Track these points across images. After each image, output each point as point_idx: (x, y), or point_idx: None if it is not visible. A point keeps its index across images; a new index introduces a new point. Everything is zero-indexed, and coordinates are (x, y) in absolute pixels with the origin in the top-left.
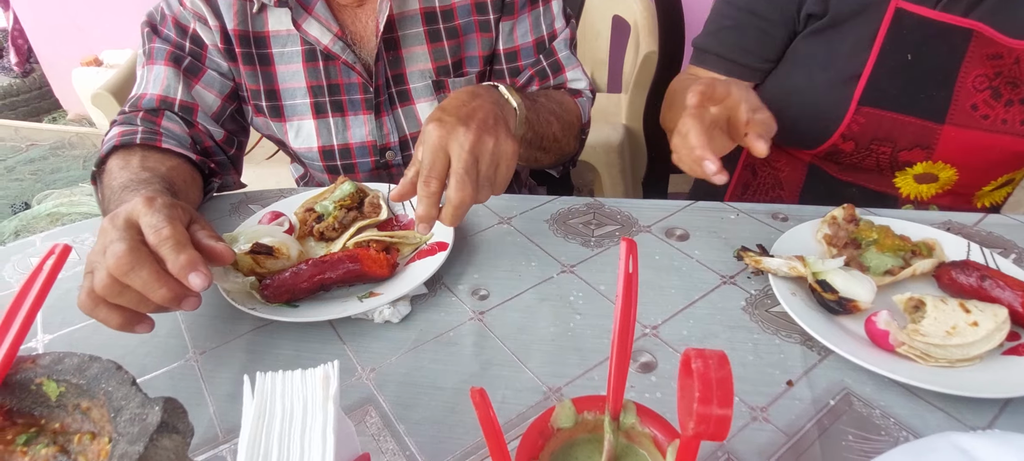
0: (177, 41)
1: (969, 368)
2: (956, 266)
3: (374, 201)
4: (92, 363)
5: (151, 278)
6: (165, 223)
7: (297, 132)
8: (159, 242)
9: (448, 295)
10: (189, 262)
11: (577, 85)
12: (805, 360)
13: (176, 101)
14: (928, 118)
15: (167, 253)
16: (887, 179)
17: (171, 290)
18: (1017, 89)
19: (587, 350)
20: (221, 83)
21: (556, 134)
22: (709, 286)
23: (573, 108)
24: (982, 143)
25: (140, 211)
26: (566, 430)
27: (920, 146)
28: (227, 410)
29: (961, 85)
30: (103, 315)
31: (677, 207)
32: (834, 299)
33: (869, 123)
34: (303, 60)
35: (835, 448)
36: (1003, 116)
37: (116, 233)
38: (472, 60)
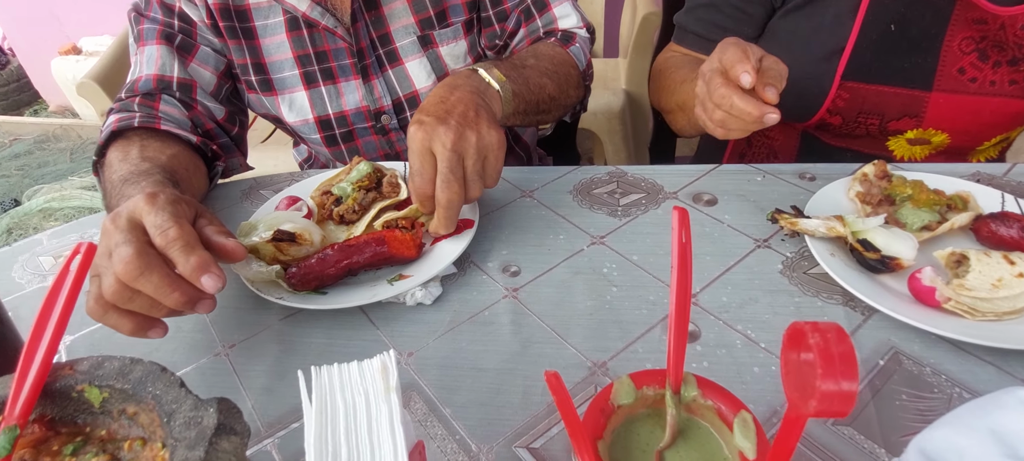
0: (165, 20)
1: (1016, 320)
2: (995, 218)
3: (392, 180)
4: (135, 366)
5: (162, 283)
6: (171, 223)
7: (290, 105)
8: (167, 244)
9: (479, 273)
10: (200, 264)
11: (566, 22)
12: (850, 321)
13: (173, 79)
14: (914, 87)
15: (176, 255)
16: (880, 144)
17: (184, 294)
18: (1004, 51)
19: (627, 322)
20: (216, 59)
21: (552, 94)
22: (743, 251)
23: (566, 59)
24: (971, 106)
25: (143, 210)
26: (626, 407)
27: (908, 115)
28: (266, 404)
29: (947, 49)
30: (114, 321)
31: (701, 171)
32: (877, 258)
33: (854, 97)
34: (286, 30)
35: (890, 408)
36: (991, 77)
37: (121, 235)
38: (455, 9)
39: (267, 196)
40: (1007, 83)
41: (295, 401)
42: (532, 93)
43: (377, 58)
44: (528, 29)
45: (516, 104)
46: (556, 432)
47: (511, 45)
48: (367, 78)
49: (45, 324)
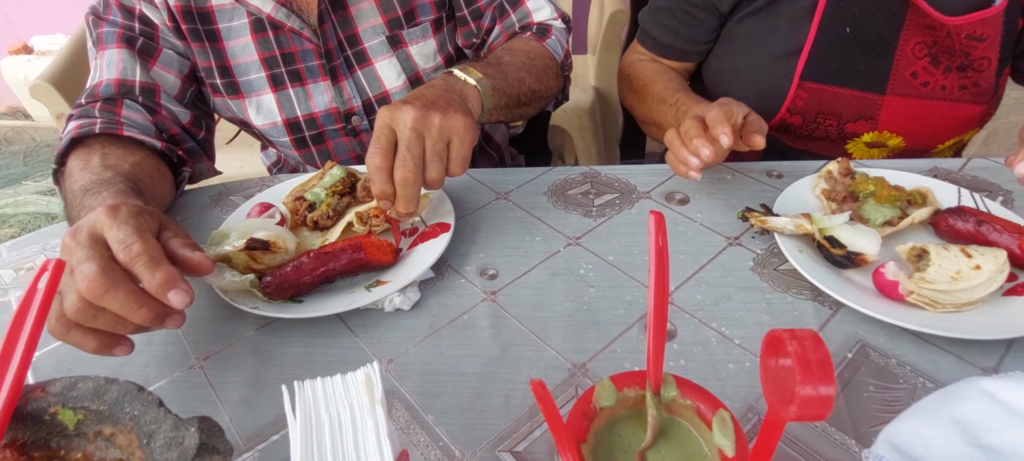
0: (125, 23)
1: (974, 311)
2: (953, 213)
3: (366, 185)
4: (110, 386)
5: (129, 300)
6: (135, 237)
7: (258, 108)
8: (131, 259)
9: (456, 277)
10: (166, 279)
11: (540, 15)
12: (818, 316)
13: (135, 83)
14: (869, 89)
15: (141, 271)
16: (839, 147)
17: (152, 310)
18: (953, 57)
19: (605, 323)
20: (179, 62)
21: (532, 87)
22: (716, 249)
23: (542, 52)
24: (924, 110)
25: (105, 224)
26: (608, 408)
27: (864, 117)
28: (244, 417)
29: (901, 53)
30: (77, 340)
31: (672, 170)
32: (843, 253)
33: (812, 97)
34: (251, 32)
35: (859, 400)
36: (942, 82)
37: (83, 252)
38: (424, 8)
39: (238, 203)
40: (957, 88)
41: (274, 413)
42: (511, 87)
43: (346, 59)
44: (503, 25)
45: (497, 99)
46: (539, 435)
47: (488, 42)
48: (336, 79)
49: (13, 346)
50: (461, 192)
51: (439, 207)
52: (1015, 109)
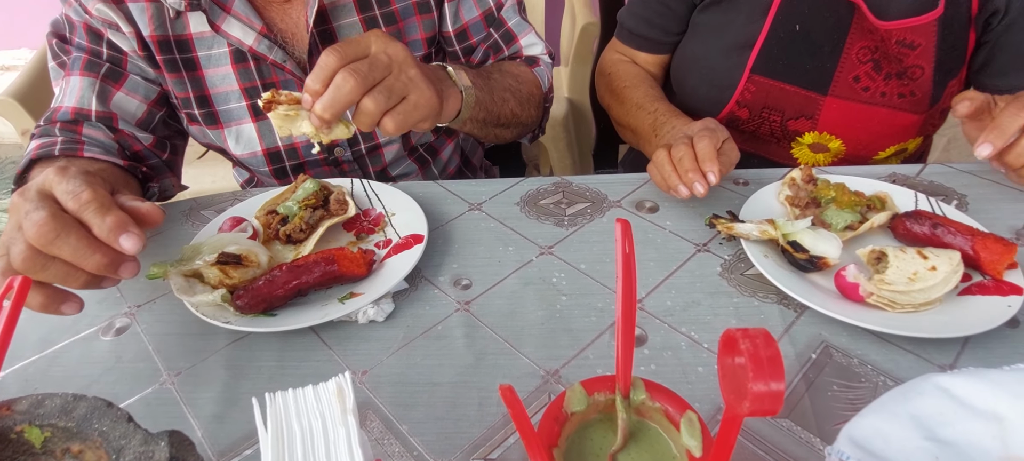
0: (91, 48)
1: (931, 311)
2: (909, 217)
3: (340, 197)
4: (78, 403)
5: (81, 244)
6: (83, 187)
7: (237, 138)
8: (80, 207)
9: (430, 288)
10: (117, 223)
11: (532, 52)
12: (784, 318)
13: (91, 113)
14: (812, 89)
15: (91, 217)
16: (784, 149)
17: (105, 255)
18: (892, 64)
19: (578, 330)
20: (146, 88)
21: (514, 110)
22: (685, 255)
23: (530, 79)
24: (862, 114)
25: (52, 181)
26: (579, 413)
27: (804, 115)
28: (216, 432)
29: (846, 56)
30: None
31: (643, 179)
32: (805, 258)
33: (760, 91)
34: (232, 62)
35: (823, 399)
36: (883, 89)
37: (31, 204)
38: (414, 44)
39: (209, 217)
40: (896, 95)
41: (247, 427)
42: (495, 104)
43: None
44: (494, 61)
45: (476, 111)
46: (513, 442)
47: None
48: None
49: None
50: (434, 203)
51: (412, 219)
52: None
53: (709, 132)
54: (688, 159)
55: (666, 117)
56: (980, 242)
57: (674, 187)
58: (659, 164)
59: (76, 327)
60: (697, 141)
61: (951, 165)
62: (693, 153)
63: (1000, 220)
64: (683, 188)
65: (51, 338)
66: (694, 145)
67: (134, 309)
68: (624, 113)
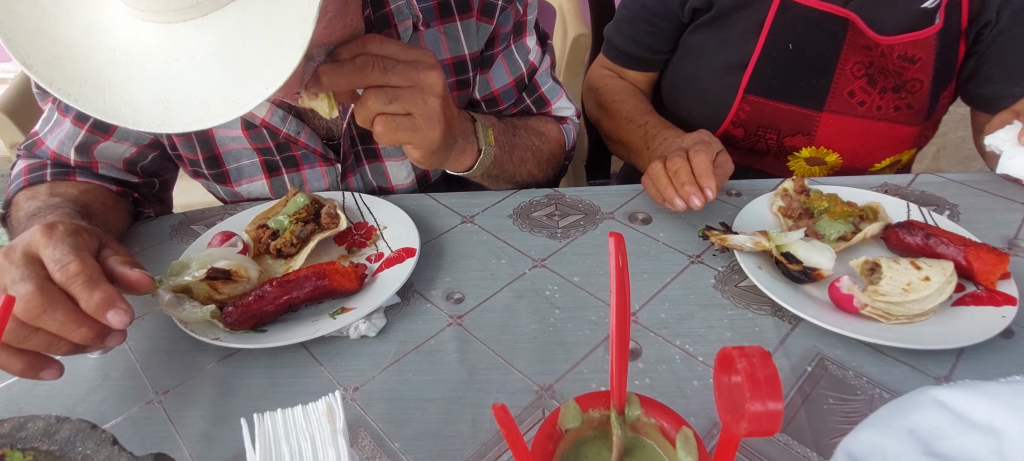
0: None
1: (925, 322)
2: (902, 227)
3: (331, 211)
4: (61, 425)
5: (68, 319)
6: (71, 256)
7: (248, 192)
8: (68, 279)
9: (422, 302)
10: (105, 300)
11: (563, 114)
12: (778, 330)
13: (70, 161)
14: (807, 105)
15: (79, 291)
16: (780, 163)
17: (91, 329)
18: (889, 78)
19: (571, 344)
20: (137, 134)
21: (531, 171)
22: (678, 267)
23: (556, 137)
24: (859, 128)
25: (40, 243)
26: (574, 430)
27: (802, 132)
28: (204, 452)
29: (840, 72)
30: (3, 361)
31: (635, 191)
32: (799, 269)
33: (755, 111)
34: (243, 127)
35: (818, 412)
36: (878, 102)
37: (17, 271)
38: None
39: (198, 232)
40: (892, 109)
41: (236, 446)
42: (513, 165)
43: (356, 154)
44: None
45: (491, 168)
46: (507, 459)
47: None
48: (345, 175)
49: None
50: (426, 216)
51: (404, 232)
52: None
53: (705, 145)
54: (684, 172)
55: (657, 129)
56: (973, 252)
57: (670, 200)
58: (654, 177)
59: None
60: (693, 155)
61: (942, 175)
62: (689, 166)
63: (992, 230)
64: (679, 201)
65: None
66: (690, 159)
67: None
68: (614, 128)
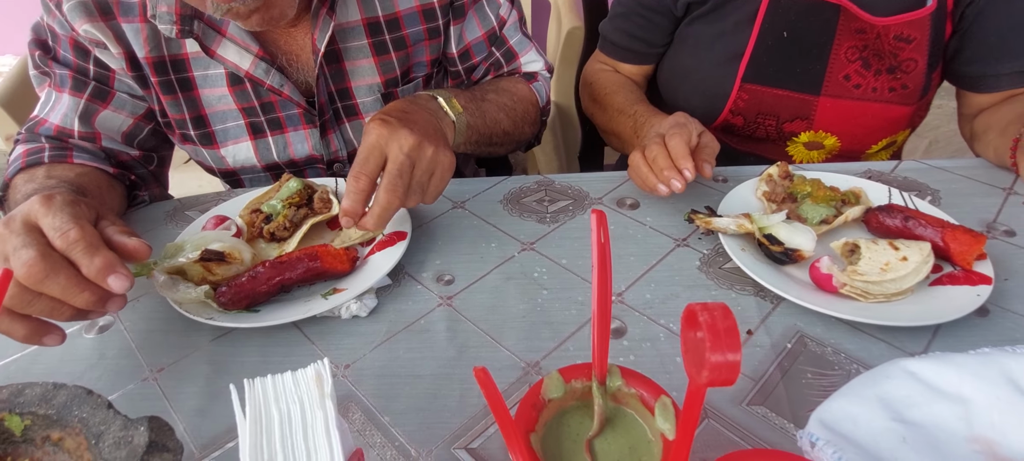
0: (78, 65)
1: (903, 301)
2: (882, 210)
3: (323, 196)
4: (58, 391)
5: (70, 284)
6: (71, 224)
7: (234, 156)
8: (68, 246)
9: (413, 284)
10: (105, 265)
11: (532, 67)
12: (760, 310)
13: (74, 132)
14: (805, 91)
15: (80, 257)
16: (780, 148)
17: (93, 293)
18: (883, 60)
19: (558, 323)
20: (133, 104)
21: (506, 129)
22: (664, 250)
23: (527, 96)
24: (856, 111)
25: (39, 212)
26: (557, 400)
27: (800, 117)
28: (198, 425)
29: (835, 57)
30: (5, 327)
31: (624, 177)
32: (781, 250)
33: (753, 98)
34: (228, 84)
35: (797, 386)
36: (873, 84)
37: (18, 239)
38: (420, 66)
39: (193, 217)
40: (887, 90)
41: (229, 420)
42: (487, 127)
43: (334, 111)
44: (495, 78)
45: (469, 135)
46: (493, 431)
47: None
48: (324, 133)
49: None
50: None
51: (396, 216)
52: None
53: (680, 128)
54: (662, 157)
55: (645, 118)
56: (950, 234)
57: (653, 187)
58: (635, 166)
59: None
60: (669, 139)
61: (925, 161)
62: (666, 151)
63: (971, 213)
64: (662, 187)
65: None
66: (666, 143)
67: None
68: (607, 119)
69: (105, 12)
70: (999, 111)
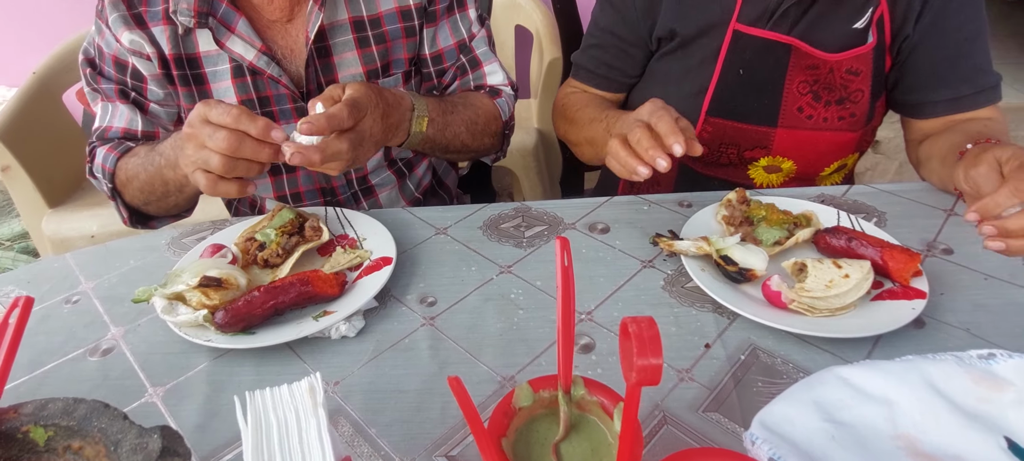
0: (119, 78)
1: (846, 315)
2: (829, 232)
3: (314, 224)
4: (78, 405)
5: (255, 145)
6: (227, 107)
7: None
8: (234, 120)
9: (398, 305)
10: (266, 124)
11: (494, 79)
12: (718, 325)
13: (138, 132)
14: (763, 123)
15: (247, 126)
16: (742, 172)
17: (270, 148)
18: (833, 92)
19: (533, 340)
20: (167, 112)
21: (465, 142)
22: (631, 271)
23: (490, 110)
24: (809, 139)
25: (201, 111)
26: (527, 408)
27: (760, 146)
28: (199, 440)
29: (788, 91)
30: (224, 189)
31: (597, 203)
32: (735, 270)
33: (717, 130)
34: (231, 76)
35: (749, 394)
36: (824, 115)
37: (204, 130)
38: (398, 62)
39: (190, 246)
40: (836, 119)
41: (228, 434)
42: (444, 139)
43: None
44: (461, 83)
45: (421, 145)
46: (471, 439)
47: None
48: None
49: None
50: (403, 228)
51: (382, 243)
52: None
53: (664, 109)
54: (646, 139)
55: (617, 115)
56: (888, 253)
57: (633, 170)
58: (614, 153)
59: (64, 349)
60: (657, 122)
61: (874, 186)
62: (651, 133)
63: (914, 234)
64: (643, 168)
65: (40, 360)
66: (654, 125)
67: (119, 333)
68: (578, 131)
69: (139, 22)
70: (941, 139)
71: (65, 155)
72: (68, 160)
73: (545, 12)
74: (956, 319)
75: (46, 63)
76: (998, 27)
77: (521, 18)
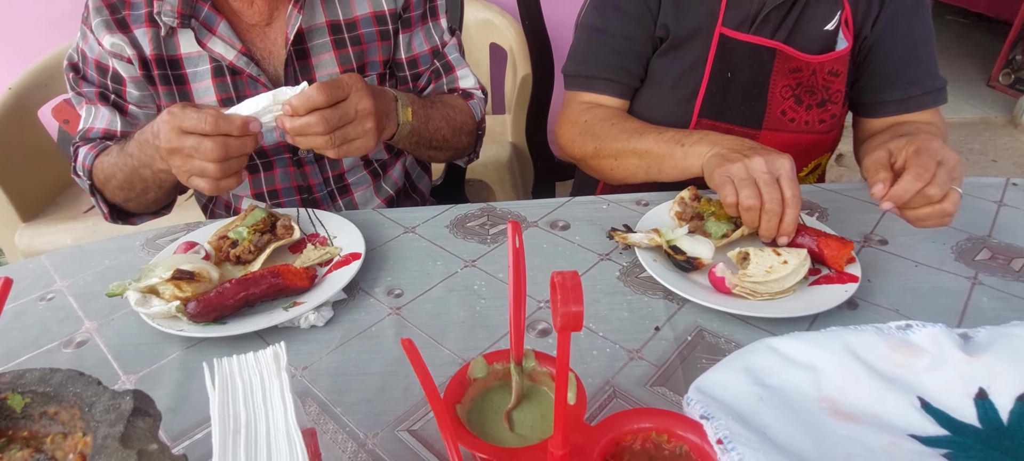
0: (100, 81)
1: (785, 298)
2: None
3: (286, 223)
4: (54, 373)
5: (239, 142)
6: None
7: None
8: (214, 127)
9: (366, 297)
10: (243, 121)
11: (465, 83)
12: (668, 310)
13: (117, 132)
14: (750, 126)
15: (227, 127)
16: None
17: (250, 141)
18: (814, 96)
19: (493, 325)
20: (145, 114)
21: (446, 136)
22: (589, 263)
23: (465, 109)
24: (792, 140)
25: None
26: (481, 379)
27: None
28: (171, 421)
29: (772, 94)
30: (225, 186)
31: (559, 203)
32: (683, 259)
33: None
34: (211, 76)
35: (693, 370)
36: (805, 118)
37: (191, 139)
38: (374, 64)
39: (164, 246)
40: (817, 122)
41: (198, 416)
42: (428, 132)
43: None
44: (435, 86)
45: (409, 138)
46: (432, 415)
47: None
48: None
49: None
50: (373, 228)
51: (352, 240)
52: None
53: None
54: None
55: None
56: (823, 241)
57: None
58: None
59: (38, 342)
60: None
61: (821, 186)
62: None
63: (854, 227)
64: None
65: (15, 353)
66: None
67: (93, 326)
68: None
69: (122, 25)
70: (877, 140)
71: (39, 170)
72: (42, 175)
73: (519, 30)
74: (887, 301)
75: (22, 79)
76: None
77: (496, 36)
